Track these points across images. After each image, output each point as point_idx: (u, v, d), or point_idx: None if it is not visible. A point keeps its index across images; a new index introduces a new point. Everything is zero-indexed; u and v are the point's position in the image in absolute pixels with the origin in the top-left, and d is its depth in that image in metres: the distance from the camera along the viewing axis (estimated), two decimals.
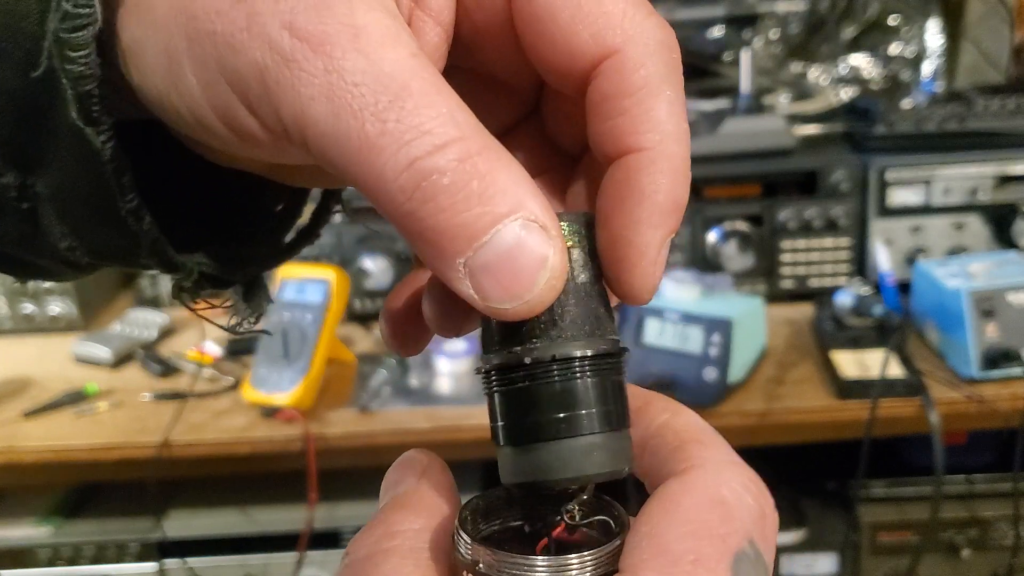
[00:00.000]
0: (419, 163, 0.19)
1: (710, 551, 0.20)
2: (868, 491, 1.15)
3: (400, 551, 0.22)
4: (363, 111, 0.19)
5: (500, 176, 0.20)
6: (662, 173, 0.23)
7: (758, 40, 1.51)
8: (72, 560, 1.18)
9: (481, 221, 0.20)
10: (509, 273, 0.20)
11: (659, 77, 0.23)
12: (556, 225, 0.21)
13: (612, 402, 0.23)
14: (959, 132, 1.22)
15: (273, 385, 1.08)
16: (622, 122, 0.23)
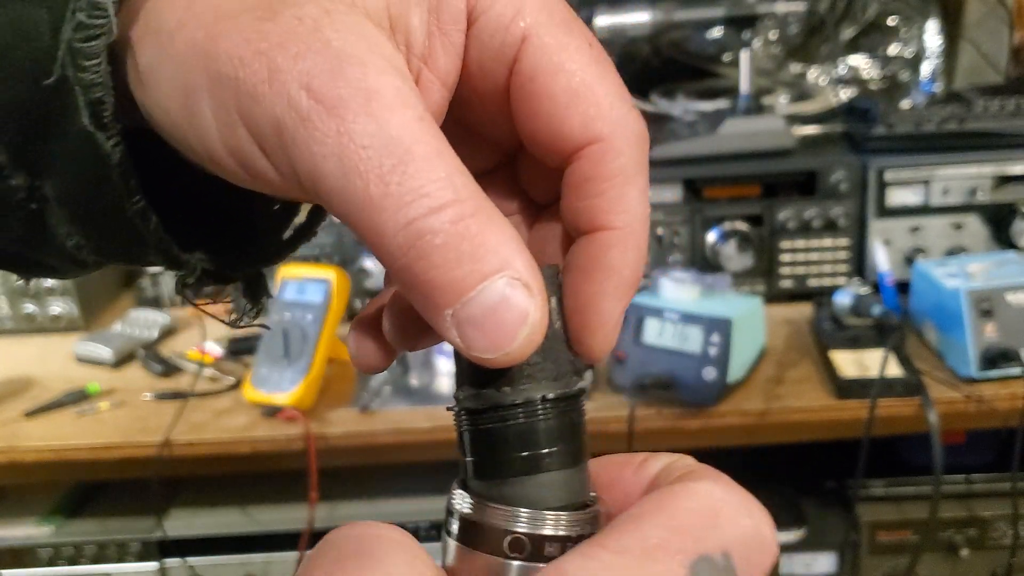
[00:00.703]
0: (416, 223, 0.21)
1: (677, 543, 0.21)
2: (867, 490, 1.15)
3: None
4: (369, 172, 0.21)
5: (489, 237, 0.22)
6: (629, 251, 0.25)
7: (757, 41, 1.51)
8: (73, 559, 1.18)
9: (470, 278, 0.22)
10: (493, 326, 0.22)
11: (635, 166, 0.25)
12: (539, 283, 0.23)
13: (571, 440, 0.25)
14: (958, 132, 1.23)
15: (274, 385, 1.08)
16: (599, 202, 0.25)
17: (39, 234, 0.27)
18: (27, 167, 0.25)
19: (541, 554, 0.23)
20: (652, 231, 1.26)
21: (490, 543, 0.23)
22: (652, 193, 1.25)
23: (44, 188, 0.26)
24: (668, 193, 1.25)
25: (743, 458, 1.20)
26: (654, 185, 1.25)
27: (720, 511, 0.22)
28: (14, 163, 0.25)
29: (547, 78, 0.25)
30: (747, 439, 1.05)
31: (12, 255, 0.29)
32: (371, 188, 0.21)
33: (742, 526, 0.22)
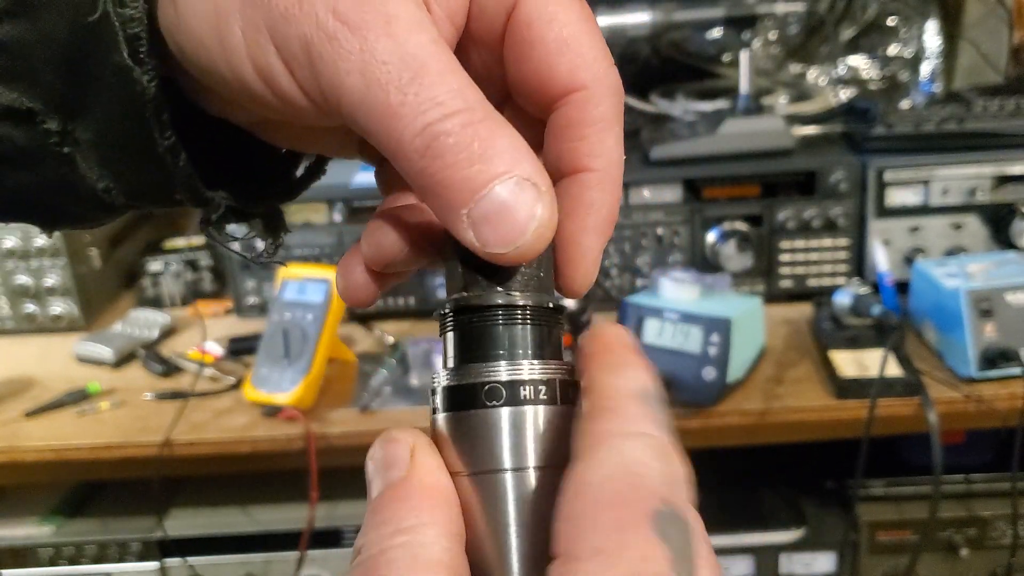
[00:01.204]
0: (431, 127, 0.23)
1: (629, 516, 0.22)
2: (867, 490, 1.16)
3: (409, 550, 0.23)
4: (389, 84, 0.23)
5: (498, 140, 0.24)
6: (608, 193, 0.28)
7: (757, 41, 1.51)
8: (74, 559, 1.18)
9: (481, 176, 0.23)
10: (505, 223, 0.24)
11: (613, 116, 0.28)
12: (547, 184, 0.24)
13: (547, 346, 0.27)
14: (958, 133, 1.23)
15: (274, 384, 1.08)
16: (580, 146, 0.28)
17: (68, 179, 0.29)
18: (61, 110, 0.27)
19: (517, 399, 0.25)
20: (652, 231, 1.26)
21: (470, 399, 0.25)
22: (652, 193, 1.25)
23: (76, 131, 0.27)
24: (668, 193, 1.25)
25: (743, 458, 1.20)
26: (654, 185, 1.25)
27: (630, 469, 0.23)
28: (48, 107, 0.27)
29: (541, 26, 0.27)
30: (747, 439, 1.05)
31: (37, 204, 0.31)
32: (391, 98, 0.23)
33: (657, 472, 0.23)
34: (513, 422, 0.25)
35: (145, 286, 1.41)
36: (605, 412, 0.24)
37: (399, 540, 0.23)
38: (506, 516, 0.25)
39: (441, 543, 0.24)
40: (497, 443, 0.25)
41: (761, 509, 1.22)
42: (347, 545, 1.16)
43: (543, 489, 0.25)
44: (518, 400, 0.25)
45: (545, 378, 0.26)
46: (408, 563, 0.23)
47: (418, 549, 0.23)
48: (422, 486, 0.25)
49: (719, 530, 1.17)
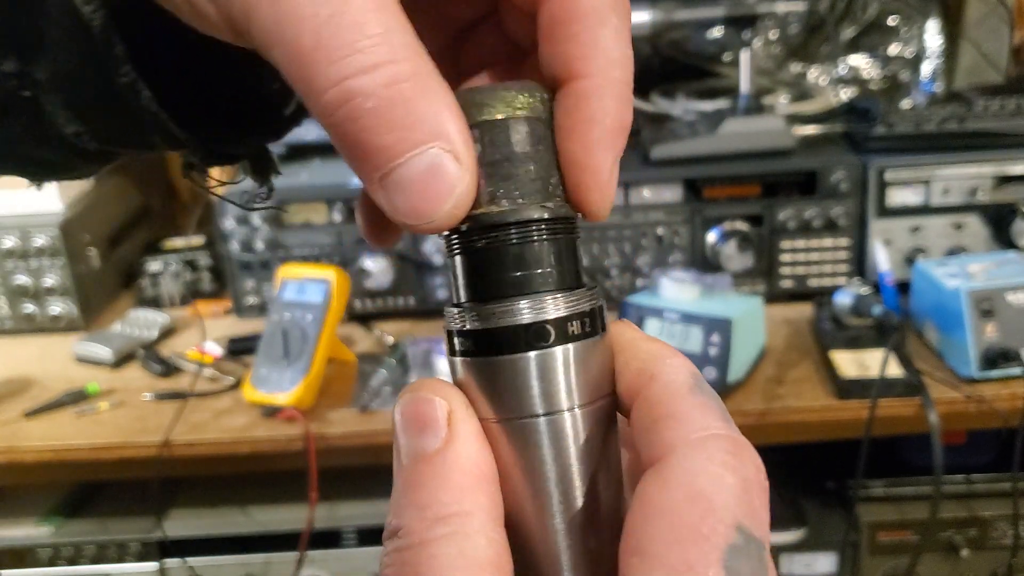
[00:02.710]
0: (347, 82, 0.20)
1: (698, 555, 0.20)
2: (867, 491, 1.15)
3: (455, 545, 0.22)
4: (302, 22, 0.20)
5: (423, 104, 0.21)
6: (609, 99, 0.24)
7: (758, 40, 1.51)
8: (73, 560, 1.18)
9: (400, 145, 0.21)
10: (419, 195, 0.22)
11: (607, 5, 0.24)
12: (470, 156, 0.22)
13: (566, 262, 0.24)
14: (958, 132, 1.23)
15: (274, 385, 1.08)
16: (571, 47, 0.24)
17: (38, 126, 0.26)
18: (16, 49, 0.25)
19: (566, 336, 0.23)
20: (652, 231, 1.26)
21: (512, 342, 0.23)
22: (652, 193, 1.25)
23: (35, 73, 0.25)
24: (668, 193, 1.25)
25: None
26: (655, 185, 1.24)
27: (703, 489, 0.21)
28: (3, 46, 0.25)
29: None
30: (747, 439, 1.05)
31: (16, 154, 0.28)
32: (303, 38, 0.20)
33: (729, 488, 0.21)
34: (564, 361, 0.23)
35: (144, 286, 1.41)
36: (664, 419, 0.23)
37: (442, 531, 0.22)
38: (564, 457, 0.23)
39: (487, 533, 0.22)
40: (551, 383, 0.23)
41: None
42: (347, 545, 1.16)
43: (597, 426, 0.23)
44: (567, 337, 0.23)
45: (588, 308, 0.24)
46: (453, 560, 0.21)
47: (464, 543, 0.22)
48: (463, 463, 0.23)
49: None
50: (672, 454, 0.22)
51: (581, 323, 0.23)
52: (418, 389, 0.24)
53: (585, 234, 1.26)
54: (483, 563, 0.22)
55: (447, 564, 0.21)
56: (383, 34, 0.21)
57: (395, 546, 0.22)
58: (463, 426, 0.23)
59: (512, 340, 0.23)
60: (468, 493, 0.22)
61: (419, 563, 0.22)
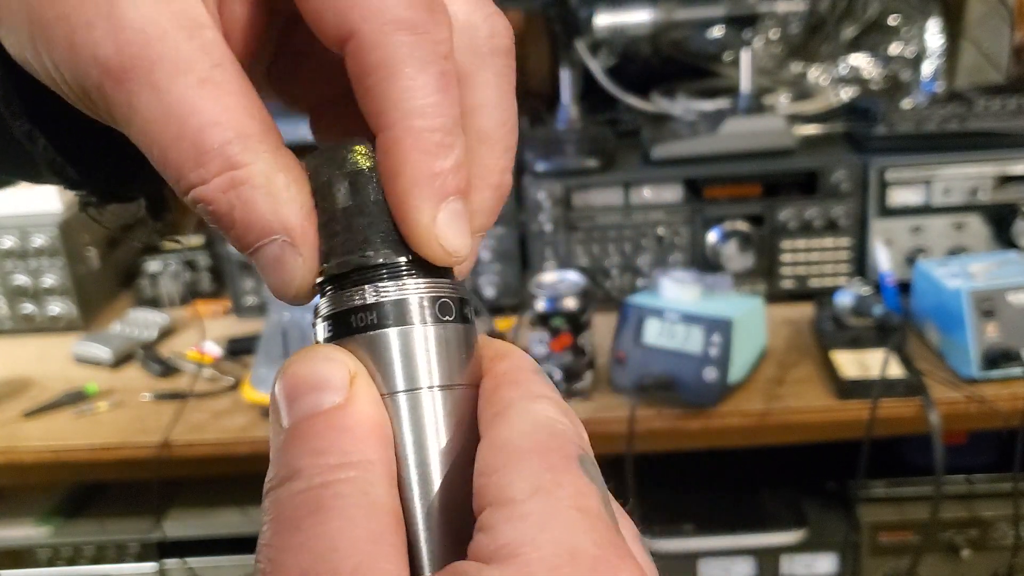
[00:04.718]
0: (193, 192, 0.23)
1: (557, 459, 0.21)
2: (868, 491, 1.15)
3: (359, 487, 0.21)
4: (153, 143, 0.23)
5: (259, 203, 0.23)
6: (411, 150, 0.24)
7: (758, 40, 1.51)
8: (72, 560, 1.18)
9: (246, 239, 0.24)
10: (270, 278, 0.24)
11: (399, 58, 0.23)
12: (309, 245, 0.24)
13: None
14: (959, 132, 1.22)
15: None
16: (366, 104, 0.24)
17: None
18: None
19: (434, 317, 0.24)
20: (652, 231, 1.25)
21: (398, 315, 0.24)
22: (653, 192, 1.24)
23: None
24: (669, 193, 1.24)
25: (744, 459, 1.20)
26: (655, 185, 1.24)
27: (544, 423, 0.23)
28: None
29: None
30: (748, 440, 1.05)
31: None
32: (156, 156, 0.23)
33: (567, 426, 0.23)
34: (439, 336, 0.24)
35: (143, 286, 1.41)
36: (505, 384, 0.24)
37: (347, 474, 0.21)
38: (433, 432, 0.24)
39: (387, 485, 0.22)
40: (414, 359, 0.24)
41: (762, 510, 1.21)
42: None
43: (464, 405, 0.24)
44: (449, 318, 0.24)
45: (456, 294, 0.25)
46: (358, 500, 0.21)
47: (368, 487, 0.21)
48: (366, 417, 0.23)
49: (720, 531, 1.16)
50: (512, 405, 0.23)
51: (447, 306, 0.25)
52: (312, 353, 0.24)
53: (585, 234, 1.26)
54: (387, 510, 0.22)
55: (352, 503, 0.21)
56: (219, 146, 0.23)
57: (288, 490, 0.22)
58: (365, 386, 0.23)
59: (404, 312, 0.24)
60: (372, 445, 0.22)
61: (320, 501, 0.21)
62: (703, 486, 1.25)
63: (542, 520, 0.20)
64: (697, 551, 1.15)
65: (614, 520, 0.22)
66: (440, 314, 0.24)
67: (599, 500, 0.21)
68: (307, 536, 0.21)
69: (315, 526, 0.21)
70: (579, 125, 1.34)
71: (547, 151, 1.27)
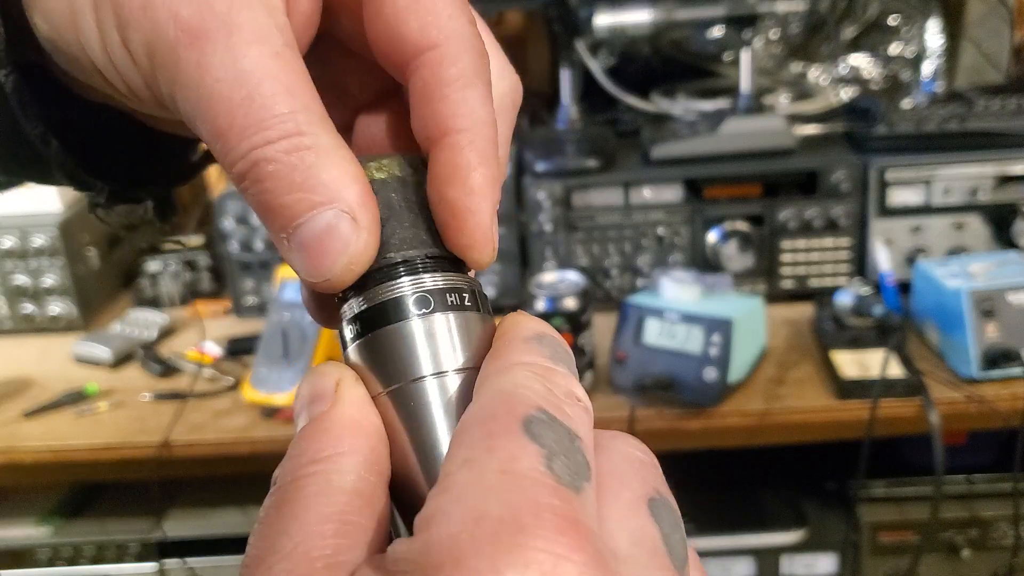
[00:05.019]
0: (253, 152, 0.23)
1: (496, 427, 0.21)
2: (868, 491, 1.15)
3: (323, 477, 0.22)
4: (219, 104, 0.23)
5: (323, 170, 0.23)
6: (481, 151, 0.25)
7: (758, 40, 1.51)
8: (72, 560, 1.18)
9: (299, 205, 0.23)
10: (316, 254, 0.24)
11: (473, 72, 0.26)
12: (369, 216, 0.24)
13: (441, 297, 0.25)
14: (959, 132, 1.22)
15: (273, 385, 1.08)
16: (442, 107, 0.25)
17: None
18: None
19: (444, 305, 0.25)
20: (652, 231, 1.25)
21: (395, 313, 0.25)
22: (653, 192, 1.25)
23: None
24: (668, 193, 1.24)
25: (744, 459, 1.20)
26: (655, 185, 1.24)
27: (504, 388, 0.22)
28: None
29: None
30: (748, 440, 1.05)
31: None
32: (219, 119, 0.23)
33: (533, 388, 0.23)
34: (445, 326, 0.25)
35: (143, 286, 1.41)
36: (489, 359, 0.24)
37: (313, 468, 0.22)
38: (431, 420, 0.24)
39: (358, 471, 0.23)
40: (435, 346, 0.24)
41: (762, 510, 1.21)
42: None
43: (462, 391, 0.25)
44: (446, 307, 0.25)
45: (466, 286, 0.26)
46: (318, 488, 0.22)
47: (333, 476, 0.22)
48: (344, 416, 0.24)
49: (720, 531, 1.16)
50: (485, 380, 0.23)
51: (459, 296, 0.25)
52: (314, 369, 0.25)
53: (585, 234, 1.26)
54: (348, 491, 0.22)
55: (312, 492, 0.22)
56: (289, 113, 0.23)
57: (268, 495, 0.23)
58: (348, 391, 0.24)
59: (395, 310, 0.25)
60: (346, 439, 0.23)
61: (285, 496, 0.22)
62: (703, 486, 1.25)
63: (461, 490, 0.20)
64: (697, 551, 1.15)
65: (569, 477, 0.21)
66: (459, 301, 0.25)
67: (538, 459, 0.20)
68: (268, 526, 0.22)
69: (275, 517, 0.22)
70: (579, 125, 1.34)
71: (547, 151, 1.27)
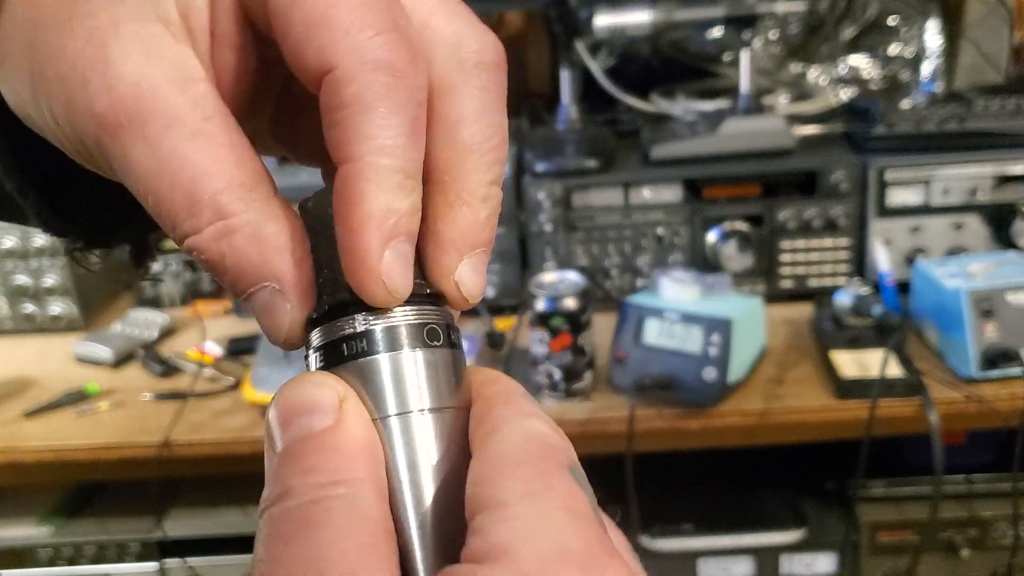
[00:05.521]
0: (187, 241, 0.24)
1: (548, 467, 0.22)
2: (867, 491, 1.15)
3: (350, 502, 0.22)
4: (147, 194, 0.24)
5: (249, 252, 0.24)
6: (373, 183, 0.24)
7: (758, 40, 1.51)
8: (73, 560, 1.18)
9: (239, 285, 0.25)
10: (263, 323, 0.25)
11: (373, 95, 0.24)
12: (300, 287, 0.25)
13: None
14: (958, 132, 1.23)
15: (273, 385, 1.08)
16: (336, 134, 0.24)
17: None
18: None
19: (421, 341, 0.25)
20: (652, 231, 1.26)
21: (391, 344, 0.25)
22: (652, 193, 1.25)
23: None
24: (668, 193, 1.25)
25: (744, 458, 1.20)
26: (654, 185, 1.24)
27: (536, 435, 0.23)
28: None
29: (285, 8, 0.24)
30: (747, 439, 1.05)
31: None
32: (151, 207, 0.24)
33: (559, 440, 0.24)
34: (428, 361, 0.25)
35: (144, 286, 1.41)
36: (497, 405, 0.24)
37: (337, 491, 0.22)
38: (425, 453, 0.24)
39: (377, 501, 0.22)
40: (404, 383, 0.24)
41: (762, 510, 1.21)
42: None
43: (454, 427, 0.25)
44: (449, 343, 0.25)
45: (443, 321, 0.25)
46: (347, 514, 0.22)
47: (358, 502, 0.22)
48: (356, 437, 0.23)
49: (720, 531, 1.17)
50: (505, 422, 0.23)
51: (434, 332, 0.25)
52: (306, 377, 0.24)
53: (585, 234, 1.26)
54: (376, 522, 0.22)
55: (341, 517, 0.21)
56: (210, 197, 0.24)
57: (281, 507, 0.22)
58: (355, 410, 0.24)
59: (382, 340, 0.25)
60: (360, 463, 0.23)
61: (311, 516, 0.21)
62: (703, 486, 1.26)
63: (533, 520, 0.21)
64: (697, 551, 1.16)
65: (603, 525, 0.22)
66: (428, 339, 0.25)
67: (588, 505, 0.22)
68: (298, 548, 0.21)
69: (305, 539, 0.21)
70: (579, 125, 1.34)
71: (547, 151, 1.27)
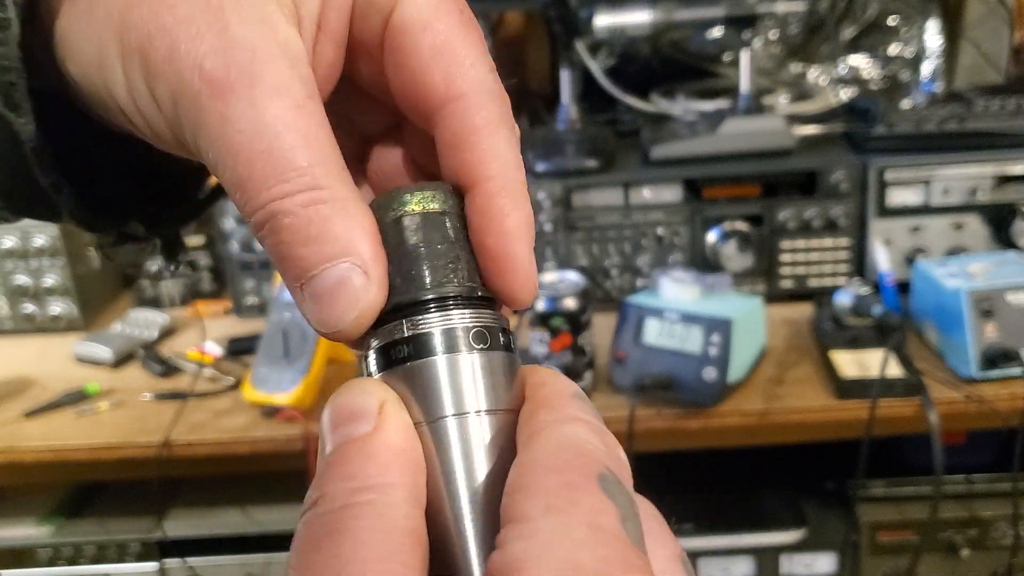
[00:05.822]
0: (272, 204, 0.24)
1: (576, 477, 0.22)
2: (867, 491, 1.15)
3: (376, 508, 0.22)
4: (239, 155, 0.24)
5: (337, 222, 0.24)
6: (515, 196, 0.26)
7: (758, 40, 1.51)
8: (73, 560, 1.18)
9: (314, 257, 0.24)
10: (327, 306, 0.24)
11: (497, 119, 0.27)
12: (379, 270, 0.25)
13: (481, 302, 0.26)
14: (958, 132, 1.23)
15: (274, 385, 1.08)
16: (471, 156, 0.26)
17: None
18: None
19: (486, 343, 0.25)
20: (652, 231, 1.26)
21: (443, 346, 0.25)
22: (652, 193, 1.25)
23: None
24: (668, 193, 1.25)
25: (743, 458, 1.20)
26: (654, 185, 1.24)
27: (571, 443, 0.23)
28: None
29: (415, 33, 0.26)
30: (747, 439, 1.05)
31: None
32: (240, 169, 0.24)
33: (595, 446, 0.23)
34: (484, 364, 0.25)
35: (144, 286, 1.41)
36: (542, 408, 0.24)
37: (366, 497, 0.23)
38: (477, 455, 0.24)
39: (407, 508, 0.23)
40: (461, 385, 0.25)
41: (761, 510, 1.21)
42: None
43: (506, 430, 0.25)
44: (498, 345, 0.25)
45: (497, 325, 0.26)
46: (374, 521, 0.22)
47: (385, 509, 0.22)
48: (391, 444, 0.24)
49: (719, 531, 1.17)
50: (545, 427, 0.24)
51: (490, 335, 0.25)
52: (353, 384, 0.25)
53: (585, 234, 1.26)
54: (402, 531, 0.22)
55: (367, 525, 0.22)
56: (307, 166, 0.24)
57: (315, 512, 0.23)
58: (394, 415, 0.24)
59: (440, 342, 0.25)
60: (393, 469, 0.23)
61: (339, 523, 0.22)
62: (703, 486, 1.26)
63: (551, 537, 0.21)
64: (697, 551, 1.16)
65: (636, 539, 0.22)
66: (484, 341, 0.25)
67: (616, 518, 0.21)
68: (323, 555, 0.22)
69: (331, 546, 0.22)
70: (579, 125, 1.34)
71: (547, 151, 1.27)
